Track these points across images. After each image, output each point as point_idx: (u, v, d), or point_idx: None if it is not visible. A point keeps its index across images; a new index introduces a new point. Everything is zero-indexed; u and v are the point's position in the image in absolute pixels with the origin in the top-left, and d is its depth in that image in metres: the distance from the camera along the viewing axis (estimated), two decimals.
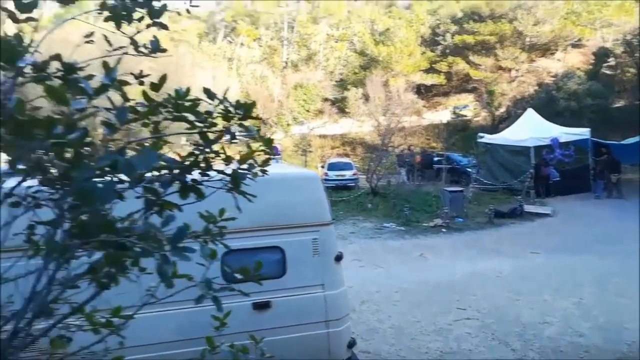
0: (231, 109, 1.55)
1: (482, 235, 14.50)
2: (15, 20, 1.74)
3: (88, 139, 1.36)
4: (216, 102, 1.74)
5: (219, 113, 1.54)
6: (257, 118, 1.69)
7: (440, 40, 43.11)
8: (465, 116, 38.84)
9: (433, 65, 42.03)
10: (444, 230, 15.16)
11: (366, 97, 35.52)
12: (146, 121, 1.86)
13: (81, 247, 1.53)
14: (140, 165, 1.20)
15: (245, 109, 1.54)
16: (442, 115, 40.14)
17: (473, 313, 8.01)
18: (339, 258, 4.89)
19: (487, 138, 23.66)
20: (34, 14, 1.86)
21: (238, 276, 1.80)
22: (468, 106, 40.07)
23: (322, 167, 27.24)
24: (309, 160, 31.67)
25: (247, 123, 1.52)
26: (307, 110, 40.65)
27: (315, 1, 46.84)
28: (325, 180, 22.41)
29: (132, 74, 2.09)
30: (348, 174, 24.08)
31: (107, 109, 1.68)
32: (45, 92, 1.25)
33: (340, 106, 41.25)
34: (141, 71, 2.15)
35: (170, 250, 1.30)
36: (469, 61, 39.78)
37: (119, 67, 1.80)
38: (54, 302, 1.54)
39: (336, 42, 46.05)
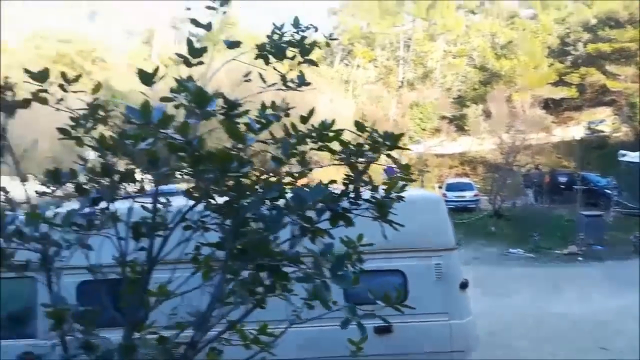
0: (379, 139, 1.61)
1: (627, 266, 12.93)
2: (189, 64, 1.99)
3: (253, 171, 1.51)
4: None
5: (367, 144, 1.61)
6: (405, 148, 1.72)
7: (570, 50, 39.95)
8: (602, 132, 35.25)
9: (563, 78, 39.03)
10: (580, 258, 13.83)
11: (487, 114, 34.01)
12: (294, 151, 1.99)
13: (243, 269, 1.69)
14: (309, 197, 1.29)
15: (393, 139, 1.59)
16: (574, 131, 36.86)
17: (618, 354, 7.13)
18: (464, 285, 4.72)
19: (631, 156, 21.19)
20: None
21: (381, 303, 1.83)
22: (605, 121, 36.36)
23: (440, 187, 26.50)
24: (426, 180, 30.99)
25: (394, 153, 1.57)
26: (423, 129, 39.99)
27: (432, 18, 46.23)
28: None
29: (278, 106, 2.26)
30: (468, 194, 23.09)
31: (262, 142, 1.84)
32: (225, 130, 1.42)
33: (458, 124, 39.96)
34: (287, 104, 2.31)
35: (331, 277, 1.37)
36: (605, 71, 36.24)
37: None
38: (223, 318, 1.70)
39: (454, 58, 44.90)
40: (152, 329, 2.02)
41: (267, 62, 2.32)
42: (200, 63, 1.99)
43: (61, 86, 1.70)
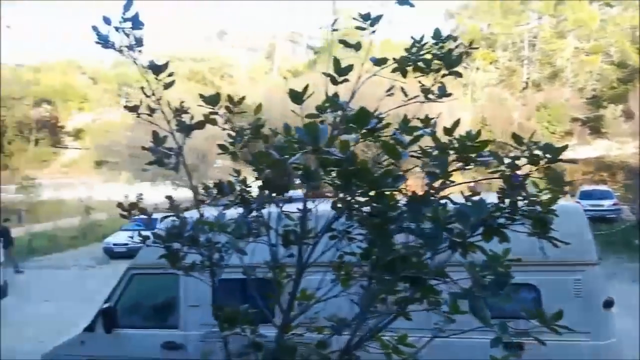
0: (538, 152, 1.54)
1: None
2: (335, 82, 2.08)
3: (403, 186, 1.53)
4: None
5: (524, 156, 1.54)
6: (569, 161, 1.63)
7: None
8: None
9: None
10: None
11: (628, 115, 30.50)
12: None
13: (392, 280, 1.71)
14: (473, 213, 1.28)
15: (555, 152, 1.50)
16: None
17: None
18: (608, 304, 4.32)
19: None
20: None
21: (536, 322, 1.73)
22: None
23: (573, 195, 24.23)
24: None
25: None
26: (553, 133, 37.05)
27: (561, 14, 42.69)
28: None
29: (418, 118, 2.26)
30: (607, 203, 20.89)
31: (414, 156, 1.86)
32: (382, 148, 1.46)
33: (593, 126, 36.38)
34: (426, 115, 2.31)
35: (491, 294, 1.34)
36: None
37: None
38: (375, 326, 1.75)
39: (587, 55, 41.06)
40: (296, 330, 2.14)
41: (404, 75, 2.33)
42: (346, 80, 2.07)
43: (227, 108, 1.90)
